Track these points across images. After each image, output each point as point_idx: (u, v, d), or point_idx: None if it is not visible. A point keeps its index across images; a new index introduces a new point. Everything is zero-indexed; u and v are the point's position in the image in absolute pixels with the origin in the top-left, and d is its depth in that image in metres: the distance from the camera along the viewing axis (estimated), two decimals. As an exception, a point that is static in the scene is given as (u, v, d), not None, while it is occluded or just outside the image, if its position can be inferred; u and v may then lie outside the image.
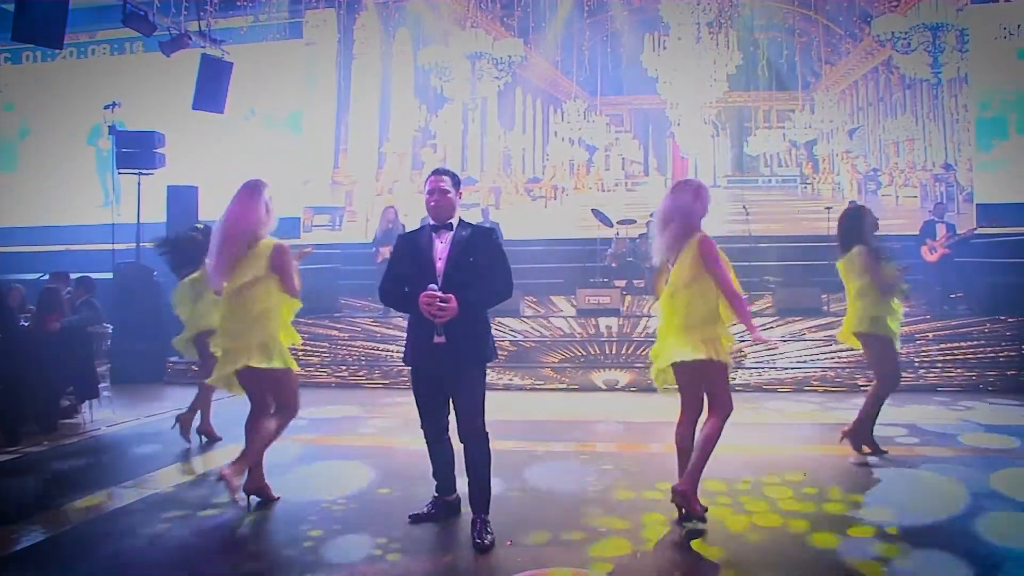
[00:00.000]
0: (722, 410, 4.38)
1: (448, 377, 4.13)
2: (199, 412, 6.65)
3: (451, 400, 4.20)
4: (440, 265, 4.10)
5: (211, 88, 10.75)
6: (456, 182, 4.26)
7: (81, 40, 16.21)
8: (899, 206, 14.25)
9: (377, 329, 10.84)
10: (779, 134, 15.22)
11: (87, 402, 7.70)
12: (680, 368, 4.37)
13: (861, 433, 5.86)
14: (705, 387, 4.43)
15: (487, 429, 4.17)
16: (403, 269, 4.22)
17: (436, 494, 4.53)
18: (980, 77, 14.00)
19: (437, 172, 4.26)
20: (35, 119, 16.61)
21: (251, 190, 4.68)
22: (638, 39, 15.12)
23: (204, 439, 6.66)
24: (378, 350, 10.43)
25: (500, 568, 3.76)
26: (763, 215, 13.90)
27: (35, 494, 5.32)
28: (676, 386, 4.50)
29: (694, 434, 4.43)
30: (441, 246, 4.15)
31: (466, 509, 4.28)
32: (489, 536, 4.06)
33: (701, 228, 4.45)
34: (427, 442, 4.40)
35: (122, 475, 5.68)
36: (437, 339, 4.03)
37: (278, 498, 4.87)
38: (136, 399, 8.81)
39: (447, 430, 4.33)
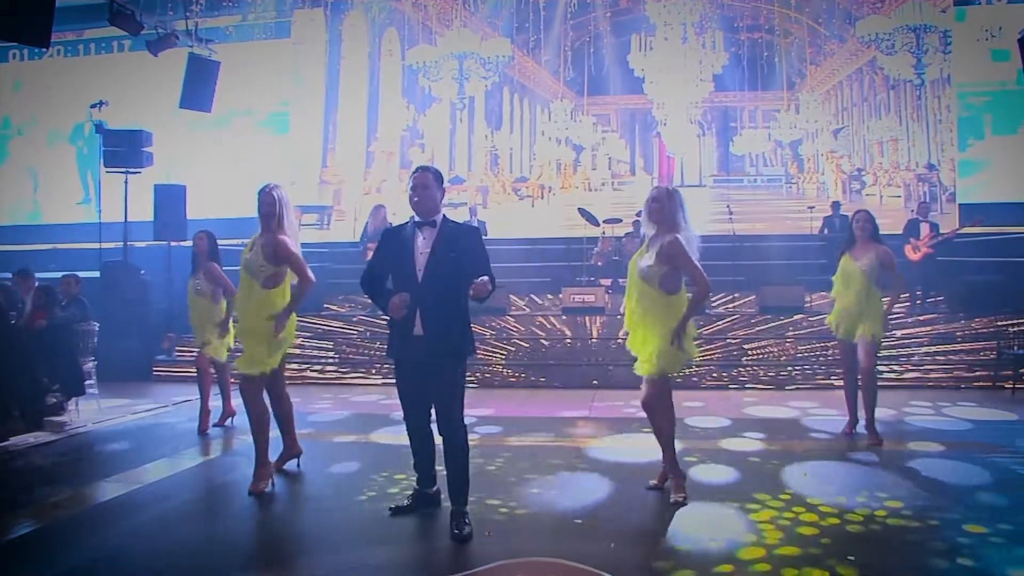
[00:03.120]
0: None
1: (427, 369, 4.19)
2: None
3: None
4: (421, 259, 4.18)
5: (198, 87, 10.78)
6: (439, 179, 4.34)
7: (68, 39, 16.21)
8: (883, 205, 14.38)
9: (366, 326, 10.90)
10: (764, 134, 15.33)
11: (73, 399, 7.73)
12: None
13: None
14: None
15: (465, 422, 4.26)
16: (385, 261, 4.32)
17: (416, 487, 4.60)
18: (962, 78, 14.18)
19: (420, 169, 4.35)
20: (21, 117, 16.58)
21: None
22: (625, 39, 15.22)
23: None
24: (366, 346, 10.49)
25: (478, 558, 3.83)
26: (748, 214, 14.03)
27: (20, 489, 5.34)
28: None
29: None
30: (423, 241, 4.22)
31: (446, 501, 4.35)
32: (467, 527, 4.13)
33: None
34: (409, 434, 4.46)
35: (107, 471, 5.73)
36: (416, 331, 4.12)
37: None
38: (123, 397, 8.83)
39: (428, 422, 4.39)
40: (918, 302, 10.94)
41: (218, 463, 6.04)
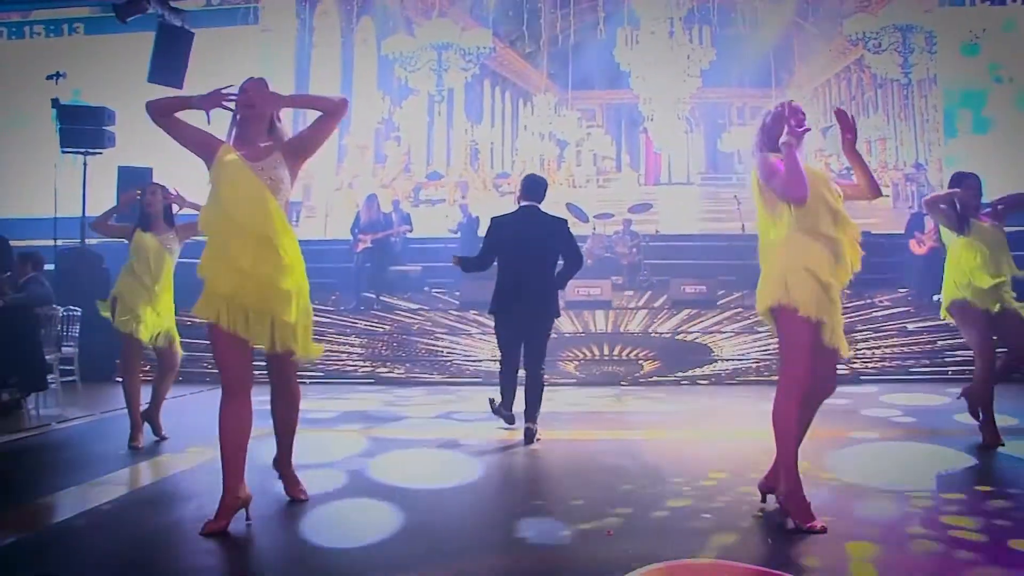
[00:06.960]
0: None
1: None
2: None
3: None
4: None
5: (169, 60, 9.85)
6: None
7: (13, 20, 15.10)
8: (872, 205, 13.96)
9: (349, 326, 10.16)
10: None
11: (33, 395, 6.77)
12: None
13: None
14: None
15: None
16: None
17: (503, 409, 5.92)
18: (946, 77, 14.10)
19: None
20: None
21: None
22: (611, 33, 14.69)
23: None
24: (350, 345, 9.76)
25: (612, 564, 3.07)
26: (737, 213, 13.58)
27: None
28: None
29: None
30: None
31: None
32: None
33: None
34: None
35: (75, 477, 4.79)
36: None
37: None
38: (89, 394, 7.86)
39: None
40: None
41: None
